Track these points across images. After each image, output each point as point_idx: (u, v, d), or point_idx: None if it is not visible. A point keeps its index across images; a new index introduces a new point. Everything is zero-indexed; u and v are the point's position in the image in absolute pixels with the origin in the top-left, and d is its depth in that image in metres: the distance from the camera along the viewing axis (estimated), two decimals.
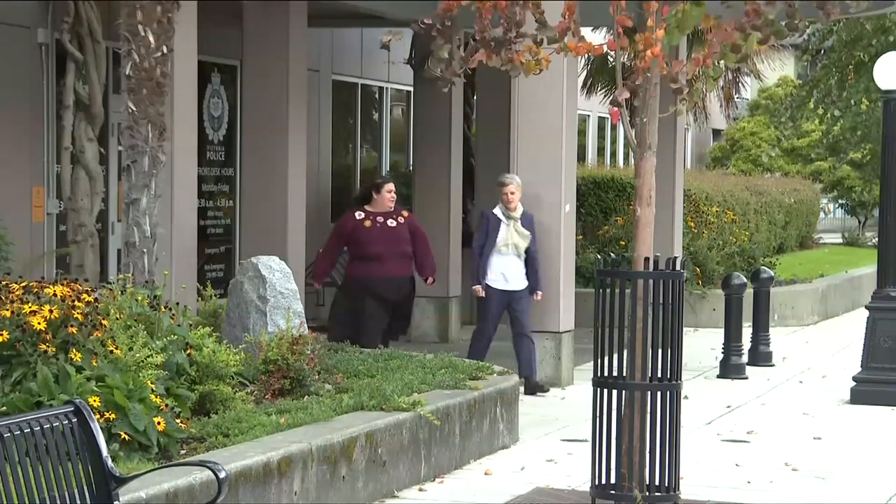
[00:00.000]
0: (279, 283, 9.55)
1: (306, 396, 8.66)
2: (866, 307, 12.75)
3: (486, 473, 9.06)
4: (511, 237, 12.09)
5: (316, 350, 9.00)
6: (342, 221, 12.52)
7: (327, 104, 18.15)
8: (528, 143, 12.67)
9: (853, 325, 9.59)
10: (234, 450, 7.17)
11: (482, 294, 12.15)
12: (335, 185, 18.50)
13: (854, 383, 12.34)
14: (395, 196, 12.32)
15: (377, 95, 19.92)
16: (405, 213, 12.50)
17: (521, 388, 10.91)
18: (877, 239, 13.87)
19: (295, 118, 13.09)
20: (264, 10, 12.91)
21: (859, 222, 36.08)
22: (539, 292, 12.18)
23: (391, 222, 12.23)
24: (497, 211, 12.19)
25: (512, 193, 12.09)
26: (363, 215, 12.25)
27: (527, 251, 12.13)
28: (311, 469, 7.49)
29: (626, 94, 7.61)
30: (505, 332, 12.33)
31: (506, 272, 12.11)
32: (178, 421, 7.35)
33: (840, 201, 36.89)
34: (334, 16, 15.76)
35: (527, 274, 12.16)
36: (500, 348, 12.34)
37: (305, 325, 9.53)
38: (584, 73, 22.13)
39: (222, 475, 5.36)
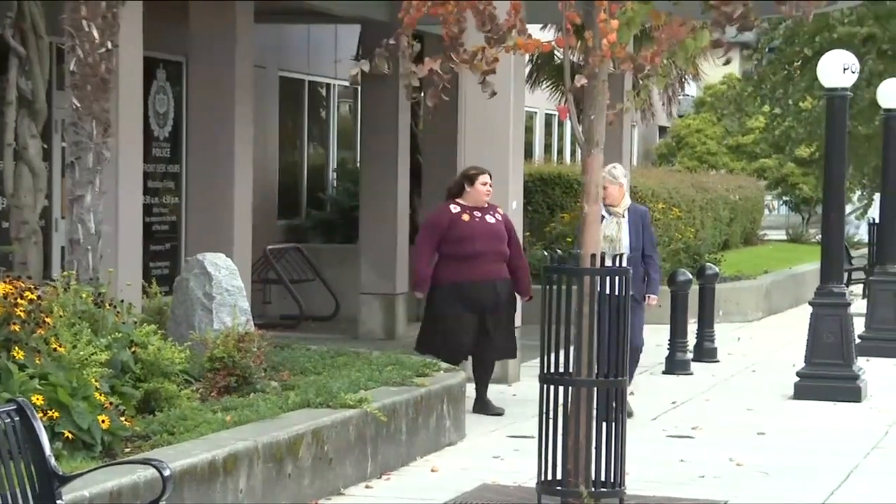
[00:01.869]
0: (225, 281, 9.50)
1: (252, 394, 8.62)
2: (809, 303, 12.85)
3: (432, 470, 9.06)
4: (611, 232, 10.68)
5: (262, 347, 8.97)
6: (436, 215, 11.14)
7: (274, 100, 18.09)
8: (476, 139, 12.67)
9: (797, 321, 9.66)
10: (179, 448, 7.12)
11: None
12: (282, 182, 18.45)
13: (797, 378, 12.43)
14: (491, 189, 11.02)
15: (324, 92, 19.87)
16: (500, 211, 11.20)
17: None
18: (820, 236, 13.98)
19: (241, 115, 13.03)
20: (211, 6, 12.84)
21: (803, 219, 36.37)
22: (652, 297, 10.85)
23: (490, 218, 10.95)
24: None
25: (603, 188, 10.38)
26: (459, 209, 10.93)
27: (635, 249, 10.68)
28: (257, 467, 7.46)
29: (584, 81, 7.62)
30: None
31: None
32: (122, 419, 7.30)
33: (784, 198, 37.18)
34: (282, 12, 15.71)
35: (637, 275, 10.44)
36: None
37: (252, 323, 9.49)
38: (529, 68, 22.16)
39: (167, 473, 5.33)
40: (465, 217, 10.84)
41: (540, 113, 30.18)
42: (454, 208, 10.90)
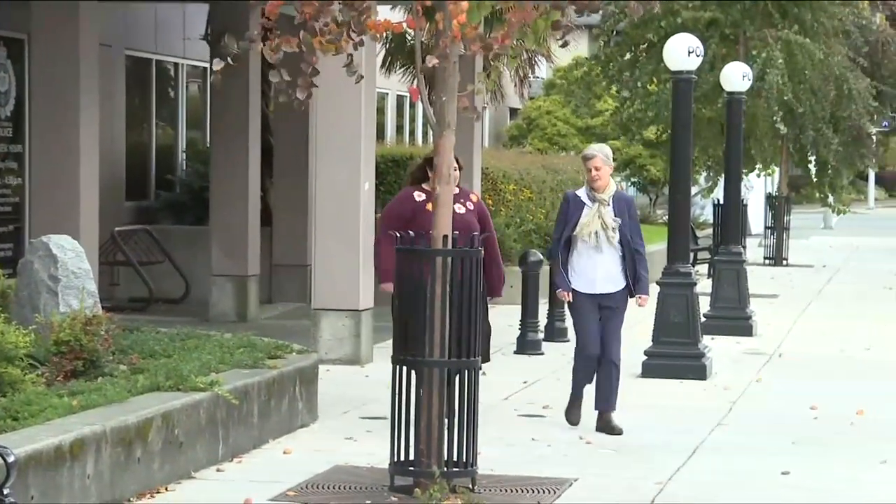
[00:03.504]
0: (71, 263, 9.34)
1: (100, 378, 8.48)
2: (657, 283, 13.07)
3: (285, 452, 9.02)
4: (594, 223, 9.68)
5: (110, 330, 8.84)
6: (396, 204, 9.80)
7: (120, 80, 17.79)
8: (327, 121, 12.63)
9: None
10: (23, 433, 6.98)
11: (568, 298, 9.80)
12: (130, 163, 18.17)
13: (645, 357, 12.64)
14: (456, 174, 9.37)
15: (172, 72, 19.59)
16: (473, 197, 9.82)
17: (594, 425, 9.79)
18: (667, 217, 14.23)
19: (86, 94, 12.80)
20: None
21: (650, 200, 37.00)
22: (643, 297, 9.79)
23: (459, 207, 9.34)
24: (581, 192, 9.88)
25: (597, 169, 9.67)
26: (424, 197, 9.51)
27: (623, 243, 9.72)
28: (105, 451, 7.35)
29: (435, 61, 7.62)
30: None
31: (588, 270, 9.76)
32: None
33: (632, 179, 37.76)
34: None
35: (625, 273, 9.75)
36: (294, 327, 12.29)
37: (99, 306, 9.35)
38: (383, 52, 22.14)
39: (11, 459, 5.22)
40: (430, 206, 9.02)
41: (392, 94, 30.17)
42: (418, 196, 9.56)
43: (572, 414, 10.03)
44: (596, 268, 9.69)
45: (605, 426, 9.83)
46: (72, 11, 12.64)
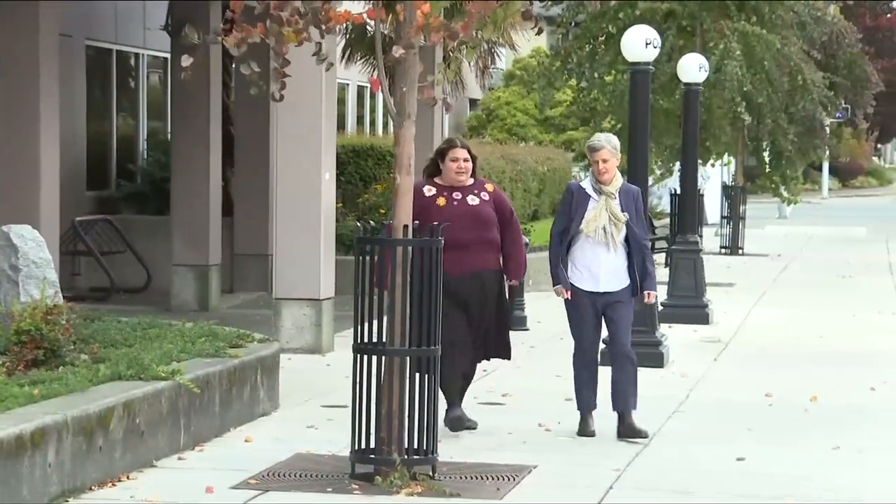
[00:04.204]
0: (32, 253, 9.29)
1: (61, 367, 8.44)
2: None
3: (246, 440, 9.00)
4: (601, 218, 9.07)
5: (71, 320, 8.79)
6: None
7: (81, 70, 17.67)
8: (288, 111, 12.57)
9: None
10: None
11: (566, 296, 9.14)
12: (91, 153, 18.06)
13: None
14: (464, 167, 9.08)
15: (133, 62, 19.48)
16: (489, 187, 9.30)
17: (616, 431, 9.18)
18: None
19: (46, 84, 12.72)
20: None
21: None
22: (650, 293, 9.20)
23: (472, 199, 9.09)
24: (586, 184, 9.29)
25: (605, 161, 9.11)
26: (434, 191, 9.13)
27: (630, 239, 9.12)
28: (67, 440, 7.31)
29: (401, 52, 7.61)
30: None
31: (593, 266, 9.15)
32: None
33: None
34: None
35: (630, 269, 9.15)
36: (256, 316, 12.25)
37: (60, 295, 9.29)
38: (343, 42, 22.08)
39: None
40: (441, 201, 9.07)
41: (352, 85, 30.11)
42: (428, 191, 9.11)
43: (584, 425, 9.22)
44: (601, 264, 9.05)
45: (629, 430, 9.08)
46: (31, 1, 12.54)
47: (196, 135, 15.70)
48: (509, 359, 9.43)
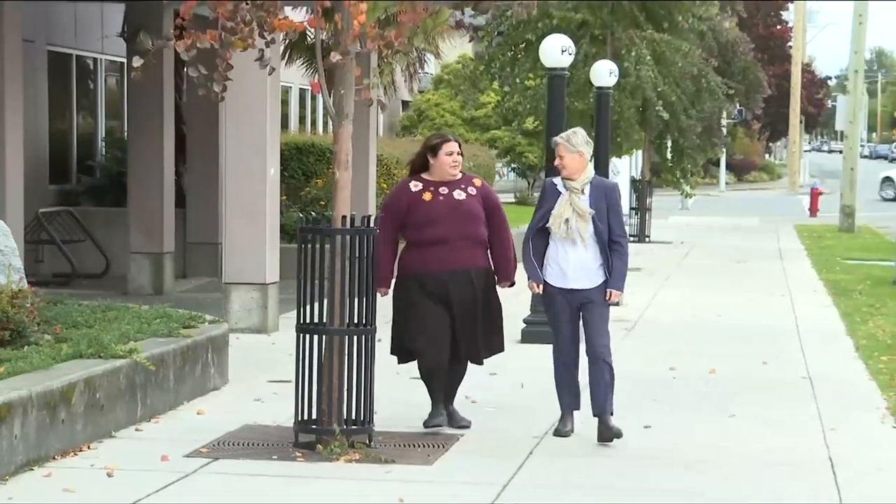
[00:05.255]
0: None
1: (26, 347, 8.35)
2: (523, 245, 13.10)
3: (198, 413, 8.95)
4: (565, 212, 8.20)
5: (35, 303, 8.70)
6: (392, 197, 8.39)
7: (43, 73, 17.46)
8: (235, 112, 12.52)
9: (520, 279, 9.86)
10: None
11: (537, 290, 8.35)
12: (53, 150, 17.89)
13: (524, 325, 12.73)
14: (458, 160, 8.33)
15: (92, 66, 19.26)
16: (477, 182, 8.43)
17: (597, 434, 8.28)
18: None
19: (10, 87, 12.57)
20: None
21: (528, 183, 37.21)
22: (613, 291, 8.30)
23: (459, 194, 8.26)
24: (558, 179, 8.36)
25: (561, 157, 8.29)
26: (420, 186, 8.30)
27: (599, 235, 8.21)
28: (32, 414, 7.24)
29: (339, 57, 7.60)
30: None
31: (562, 262, 8.29)
32: None
33: (513, 165, 37.96)
34: None
35: (604, 268, 8.25)
36: (207, 299, 12.16)
37: (25, 281, 9.18)
38: (282, 46, 21.96)
39: None
40: (427, 196, 8.22)
41: (294, 88, 29.96)
42: (414, 186, 8.27)
43: (560, 425, 8.42)
44: (569, 261, 8.18)
45: (605, 432, 8.17)
46: None
47: (150, 133, 15.57)
48: (501, 351, 8.61)
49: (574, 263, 8.19)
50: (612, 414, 8.26)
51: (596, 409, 8.30)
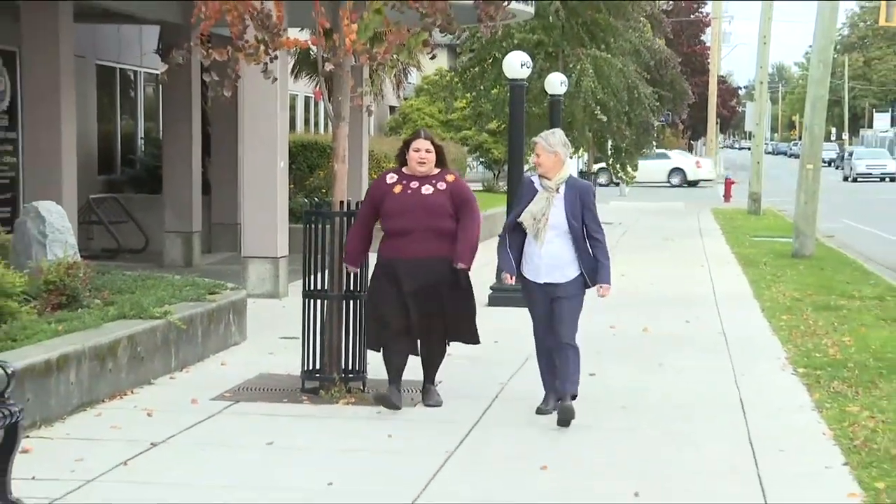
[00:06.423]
0: (56, 222, 9.15)
1: (79, 309, 8.32)
2: (499, 236, 13.10)
3: (222, 364, 8.95)
4: (536, 209, 7.27)
5: (87, 273, 8.68)
6: (373, 185, 7.59)
7: (92, 84, 17.39)
8: (252, 115, 12.49)
9: (489, 251, 9.84)
10: (20, 352, 6.84)
11: (511, 281, 7.40)
12: (101, 147, 17.85)
13: (490, 291, 12.75)
14: (425, 157, 7.39)
15: (133, 78, 19.16)
16: (449, 178, 7.47)
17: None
18: (506, 187, 14.30)
19: (65, 95, 12.52)
20: (38, 5, 12.23)
21: (494, 175, 37.19)
22: (604, 286, 7.25)
23: (427, 188, 7.37)
24: (535, 177, 7.42)
25: (538, 156, 7.31)
26: (395, 179, 7.45)
27: (573, 233, 7.26)
28: (84, 364, 7.23)
29: (331, 67, 7.63)
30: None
31: (535, 257, 7.33)
32: None
33: (481, 159, 37.92)
34: (96, 15, 15.08)
35: (580, 262, 7.27)
36: (228, 271, 12.10)
37: (78, 255, 9.16)
38: (292, 62, 21.88)
39: (10, 370, 5.10)
40: (397, 189, 7.39)
41: (301, 96, 29.84)
42: (390, 178, 7.45)
43: (543, 403, 7.53)
44: (541, 256, 7.24)
45: (564, 412, 7.07)
46: (52, 30, 12.33)
47: (181, 133, 15.52)
48: (476, 343, 7.65)
49: (546, 259, 7.23)
50: (573, 397, 7.22)
51: (558, 393, 7.33)
